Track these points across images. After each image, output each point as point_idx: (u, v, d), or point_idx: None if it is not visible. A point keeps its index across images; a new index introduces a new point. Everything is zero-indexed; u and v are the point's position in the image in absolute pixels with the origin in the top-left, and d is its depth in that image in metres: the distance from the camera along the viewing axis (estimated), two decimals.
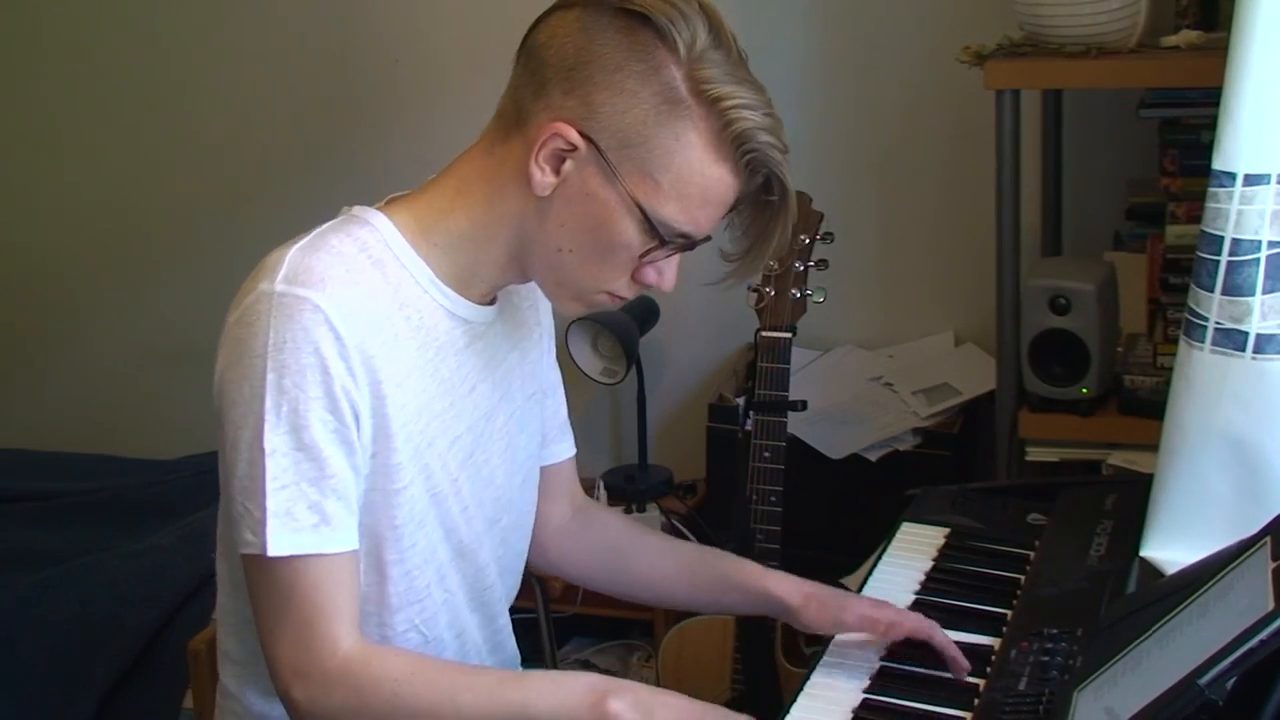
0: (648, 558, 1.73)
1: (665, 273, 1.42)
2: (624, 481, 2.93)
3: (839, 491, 2.63)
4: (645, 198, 1.35)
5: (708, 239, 1.42)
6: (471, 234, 1.43)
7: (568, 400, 1.72)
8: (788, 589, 1.64)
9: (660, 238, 1.38)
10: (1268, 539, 1.30)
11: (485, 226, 1.42)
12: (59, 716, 2.47)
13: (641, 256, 1.40)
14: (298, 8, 3.17)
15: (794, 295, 2.19)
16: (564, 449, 1.73)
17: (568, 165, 1.36)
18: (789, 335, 2.21)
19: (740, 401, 2.64)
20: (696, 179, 1.35)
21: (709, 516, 2.81)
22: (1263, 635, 1.14)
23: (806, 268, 2.19)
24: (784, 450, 2.20)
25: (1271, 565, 1.24)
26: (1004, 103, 2.23)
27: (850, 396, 2.75)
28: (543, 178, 1.36)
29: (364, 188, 1.51)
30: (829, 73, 2.86)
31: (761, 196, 1.40)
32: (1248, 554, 1.31)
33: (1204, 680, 1.15)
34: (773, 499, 2.19)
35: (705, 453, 2.83)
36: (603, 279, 1.42)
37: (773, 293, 2.19)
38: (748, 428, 2.23)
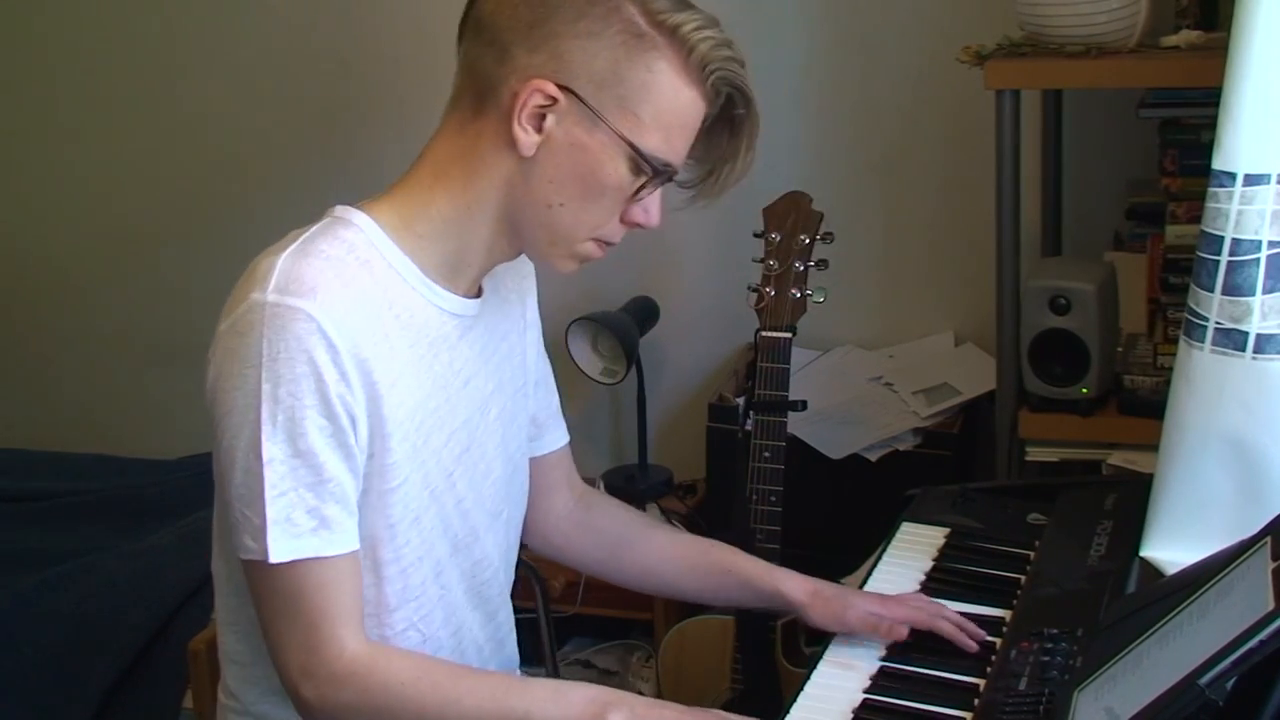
0: (654, 549, 1.75)
1: (650, 209, 1.45)
2: (624, 481, 2.93)
3: (839, 491, 2.63)
4: (630, 134, 1.38)
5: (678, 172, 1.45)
6: (455, 217, 1.44)
7: (570, 400, 1.73)
8: (794, 586, 1.68)
9: (652, 170, 1.40)
10: (1268, 539, 1.30)
11: (469, 205, 1.43)
12: (59, 716, 2.47)
13: (632, 196, 1.42)
14: (299, 8, 3.17)
15: (794, 295, 2.19)
16: (559, 437, 1.75)
17: (549, 120, 1.38)
18: (789, 335, 2.21)
19: (740, 401, 2.64)
20: (671, 105, 1.39)
21: (709, 516, 2.81)
22: (1263, 635, 1.15)
23: (806, 268, 2.19)
24: (784, 450, 2.20)
25: (1271, 565, 1.24)
26: (1004, 103, 2.23)
27: (850, 396, 2.75)
28: (527, 137, 1.38)
29: (365, 188, 1.51)
30: (829, 73, 2.86)
31: (725, 112, 1.44)
32: (1248, 554, 1.31)
33: (1204, 680, 1.15)
34: (773, 499, 2.19)
35: (705, 453, 2.82)
36: (594, 225, 1.44)
37: (773, 293, 2.19)
38: (748, 428, 2.23)
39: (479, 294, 1.52)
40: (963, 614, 1.66)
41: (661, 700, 1.43)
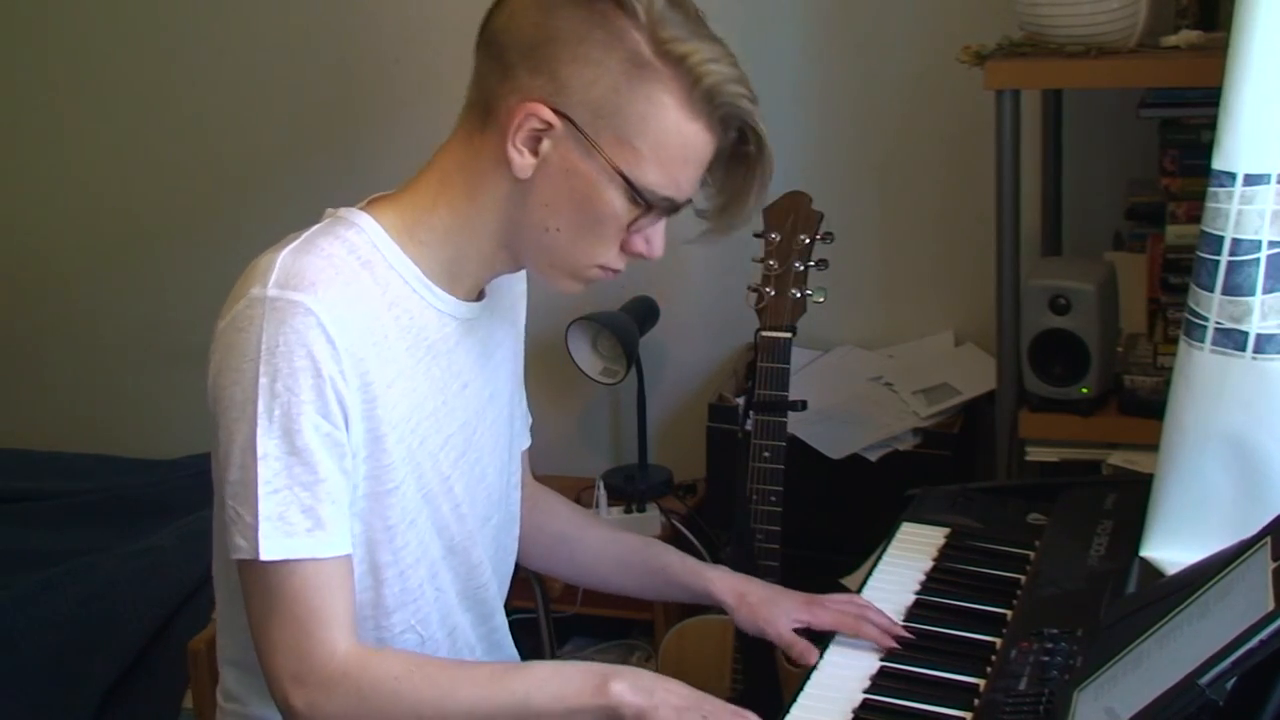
0: (594, 547, 1.77)
1: (652, 240, 1.43)
2: (624, 481, 2.93)
3: (839, 491, 2.63)
4: (626, 165, 1.36)
5: (689, 202, 1.42)
6: (456, 227, 1.43)
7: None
8: (723, 588, 1.69)
9: (646, 203, 1.38)
10: (1268, 539, 1.30)
11: (469, 218, 1.43)
12: (59, 716, 2.47)
13: (629, 226, 1.40)
14: (299, 8, 3.17)
15: (794, 295, 2.19)
16: (524, 439, 1.74)
17: (545, 144, 1.36)
18: (789, 335, 2.20)
19: (740, 401, 2.63)
20: (674, 139, 1.36)
21: (709, 516, 2.81)
22: (1263, 635, 1.15)
23: (806, 268, 2.19)
24: (784, 450, 2.20)
25: (1271, 565, 1.24)
26: (1004, 103, 2.23)
27: (850, 396, 2.75)
28: (521, 160, 1.36)
29: (365, 188, 1.51)
30: (829, 73, 2.86)
31: (738, 148, 1.41)
32: (1248, 554, 1.31)
33: (1204, 680, 1.15)
34: (773, 499, 2.19)
35: (705, 453, 2.82)
36: (593, 253, 1.42)
37: (773, 293, 2.19)
38: (748, 428, 2.23)
39: (481, 296, 1.51)
40: (963, 613, 1.66)
41: (668, 677, 1.40)
